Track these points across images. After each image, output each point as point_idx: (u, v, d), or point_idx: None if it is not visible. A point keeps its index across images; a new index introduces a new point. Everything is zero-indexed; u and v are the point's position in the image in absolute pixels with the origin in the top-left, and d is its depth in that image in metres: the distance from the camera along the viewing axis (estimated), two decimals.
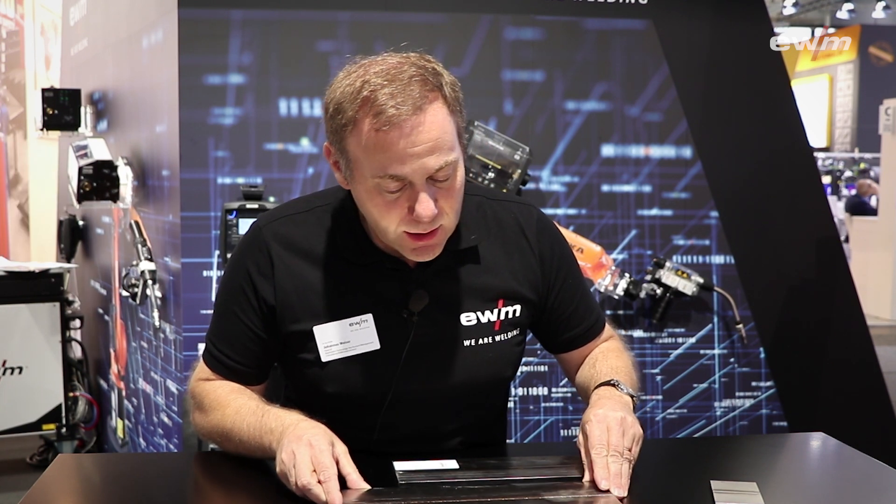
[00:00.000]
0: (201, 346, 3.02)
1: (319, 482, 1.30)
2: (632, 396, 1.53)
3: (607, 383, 1.54)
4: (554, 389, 3.37)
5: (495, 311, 1.56)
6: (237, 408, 1.50)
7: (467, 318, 1.55)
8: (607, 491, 1.33)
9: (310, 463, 1.32)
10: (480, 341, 1.56)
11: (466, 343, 1.55)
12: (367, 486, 1.33)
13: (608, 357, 1.65)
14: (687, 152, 3.42)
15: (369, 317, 1.52)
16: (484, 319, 1.56)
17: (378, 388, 1.52)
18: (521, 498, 1.31)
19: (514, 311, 1.58)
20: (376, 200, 1.41)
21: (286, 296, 1.52)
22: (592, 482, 1.36)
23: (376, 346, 1.52)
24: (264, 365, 1.60)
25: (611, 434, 1.38)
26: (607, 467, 1.35)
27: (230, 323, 1.57)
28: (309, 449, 1.33)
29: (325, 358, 1.52)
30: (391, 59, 1.40)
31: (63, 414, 4.27)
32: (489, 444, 1.68)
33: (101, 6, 4.31)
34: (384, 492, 1.33)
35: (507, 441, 1.79)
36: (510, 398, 1.79)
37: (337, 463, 1.34)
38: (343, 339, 1.51)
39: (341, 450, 1.36)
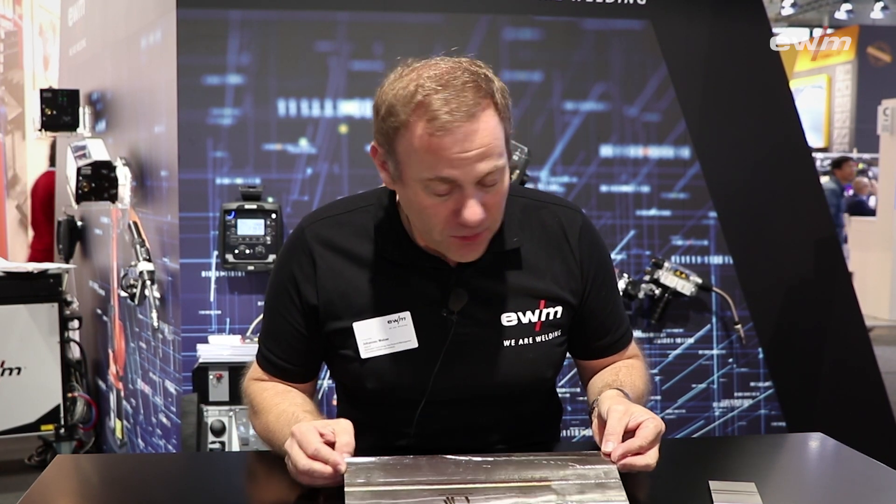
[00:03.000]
0: (200, 347, 3.04)
1: (316, 461, 1.32)
2: None
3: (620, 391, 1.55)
4: None
5: (536, 311, 1.57)
6: (278, 414, 1.53)
7: (508, 319, 1.56)
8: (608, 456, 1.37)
9: (299, 447, 1.35)
10: (521, 342, 1.56)
11: (507, 343, 1.56)
12: (343, 461, 1.33)
13: (632, 373, 1.66)
14: (685, 153, 3.42)
15: (407, 314, 1.54)
16: (525, 320, 1.57)
17: (417, 385, 1.54)
18: (522, 498, 1.30)
19: (556, 313, 1.59)
20: (424, 202, 1.43)
21: (328, 295, 1.55)
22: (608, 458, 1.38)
23: (414, 344, 1.53)
24: (310, 363, 1.63)
25: (631, 418, 1.41)
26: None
27: (276, 322, 1.61)
28: (294, 438, 1.37)
29: (364, 354, 1.54)
30: (443, 64, 1.42)
31: (62, 414, 4.27)
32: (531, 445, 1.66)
33: (100, 7, 4.31)
34: (391, 460, 1.35)
35: None
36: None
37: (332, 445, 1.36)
38: (382, 336, 1.54)
39: (340, 428, 1.38)
